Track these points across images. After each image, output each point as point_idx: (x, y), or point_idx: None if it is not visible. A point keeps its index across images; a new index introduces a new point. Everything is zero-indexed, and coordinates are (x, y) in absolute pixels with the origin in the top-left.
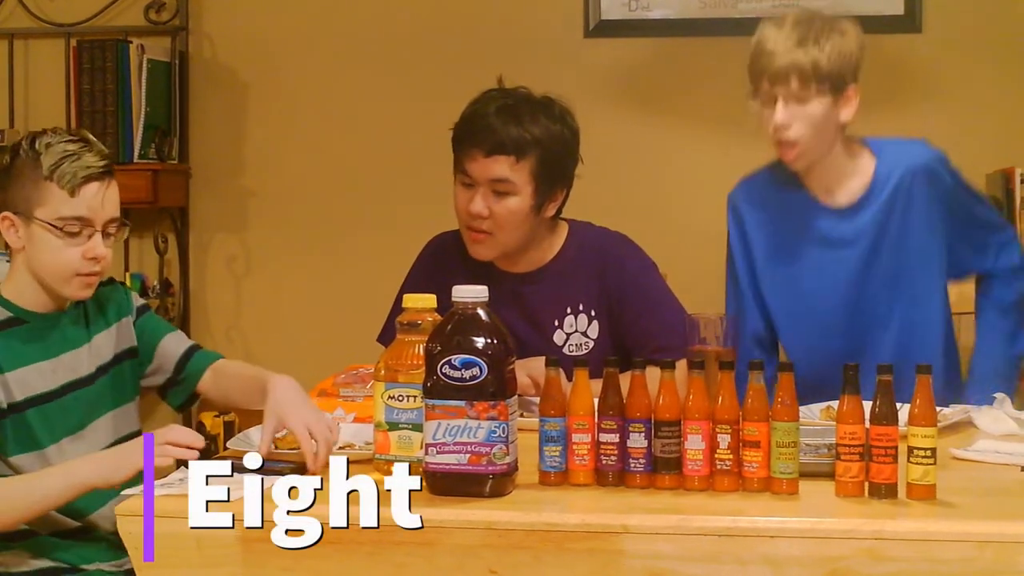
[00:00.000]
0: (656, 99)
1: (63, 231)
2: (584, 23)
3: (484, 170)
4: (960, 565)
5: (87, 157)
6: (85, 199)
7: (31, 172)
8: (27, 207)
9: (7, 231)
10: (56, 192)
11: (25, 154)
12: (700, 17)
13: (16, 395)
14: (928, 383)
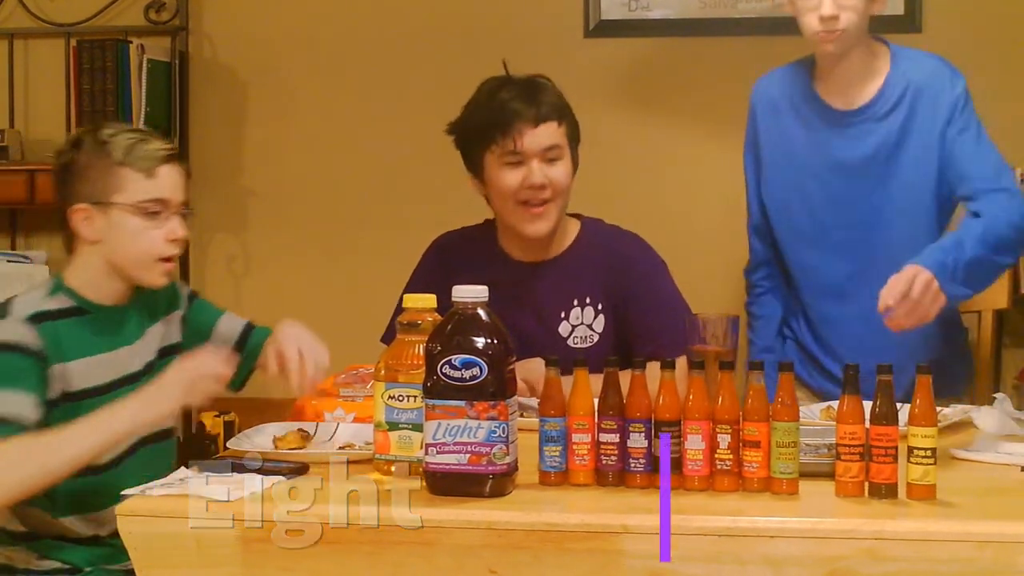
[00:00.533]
0: (656, 99)
1: (145, 213)
2: (584, 23)
3: (536, 140)
4: (960, 565)
5: (154, 142)
6: (162, 180)
7: (101, 161)
8: (104, 194)
9: (81, 223)
10: (132, 176)
11: (91, 146)
12: (700, 17)
13: (74, 385)
14: (928, 383)
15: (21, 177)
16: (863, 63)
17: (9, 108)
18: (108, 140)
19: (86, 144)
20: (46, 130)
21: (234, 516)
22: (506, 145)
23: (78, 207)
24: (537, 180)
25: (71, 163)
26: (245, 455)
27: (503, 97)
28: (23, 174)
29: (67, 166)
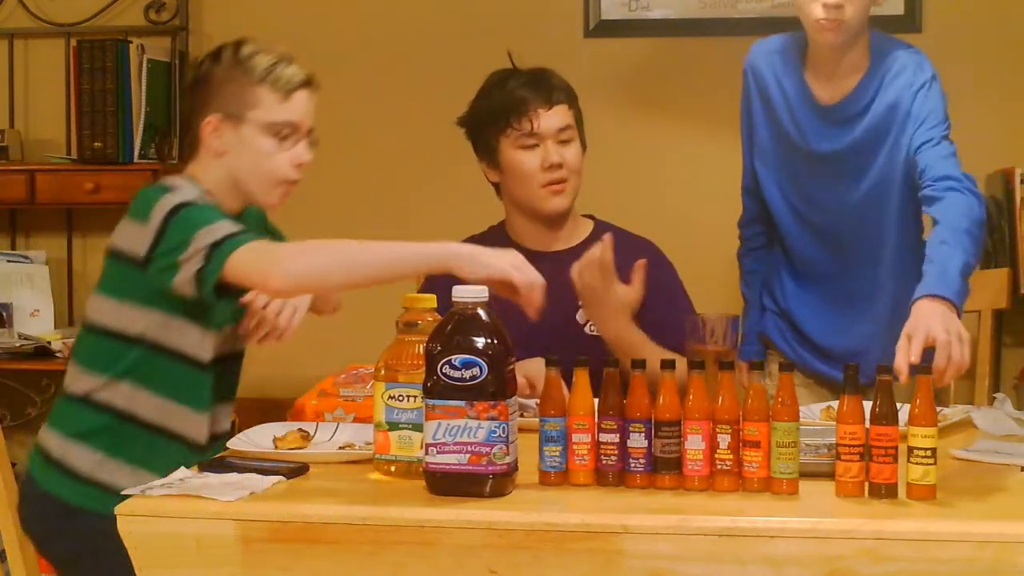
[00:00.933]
0: (656, 99)
1: (275, 134)
2: (584, 23)
3: (550, 121)
4: (960, 565)
5: (292, 66)
6: (296, 104)
7: (240, 76)
8: (238, 109)
9: (211, 134)
10: (268, 96)
11: (230, 60)
12: (700, 17)
13: None
14: (928, 383)
15: (21, 177)
16: (857, 58)
17: (9, 108)
18: (249, 57)
19: (226, 58)
20: (46, 130)
21: (234, 516)
22: (522, 128)
23: (210, 118)
24: (554, 159)
25: (208, 74)
26: (245, 455)
27: (513, 85)
28: (23, 174)
29: (204, 76)
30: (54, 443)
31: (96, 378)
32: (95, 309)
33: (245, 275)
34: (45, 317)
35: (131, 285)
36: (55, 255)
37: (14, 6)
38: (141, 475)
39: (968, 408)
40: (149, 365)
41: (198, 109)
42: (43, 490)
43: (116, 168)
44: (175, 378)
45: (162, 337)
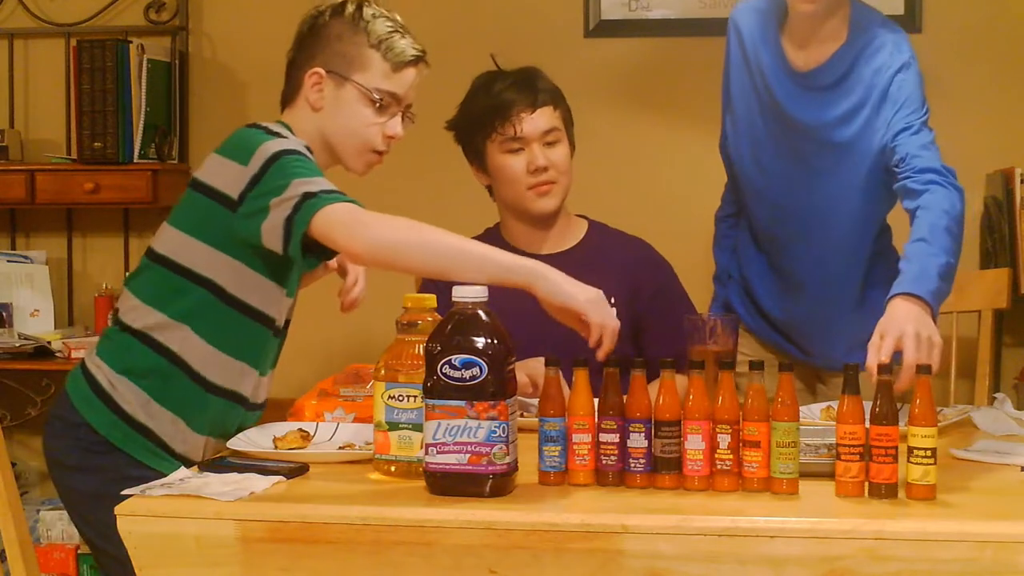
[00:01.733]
0: (656, 99)
1: (375, 102)
2: (584, 23)
3: (535, 124)
4: (960, 565)
5: (409, 37)
6: (403, 79)
7: (355, 36)
8: (346, 68)
9: (312, 87)
10: (379, 63)
11: (351, 18)
12: (700, 17)
13: None
14: (928, 383)
15: (21, 177)
16: (834, 28)
17: (9, 108)
18: (369, 20)
19: (346, 15)
20: (46, 130)
21: (234, 516)
22: (507, 131)
23: (316, 70)
24: (540, 162)
25: (325, 26)
26: (245, 455)
27: (499, 87)
28: (23, 174)
29: (320, 27)
30: (102, 374)
31: (154, 314)
32: (165, 240)
33: (331, 232)
34: (45, 317)
35: (213, 225)
36: (55, 255)
37: (14, 6)
38: (182, 428)
39: (968, 408)
40: (213, 312)
41: (304, 58)
42: (83, 420)
43: (116, 168)
44: (238, 332)
45: (232, 286)
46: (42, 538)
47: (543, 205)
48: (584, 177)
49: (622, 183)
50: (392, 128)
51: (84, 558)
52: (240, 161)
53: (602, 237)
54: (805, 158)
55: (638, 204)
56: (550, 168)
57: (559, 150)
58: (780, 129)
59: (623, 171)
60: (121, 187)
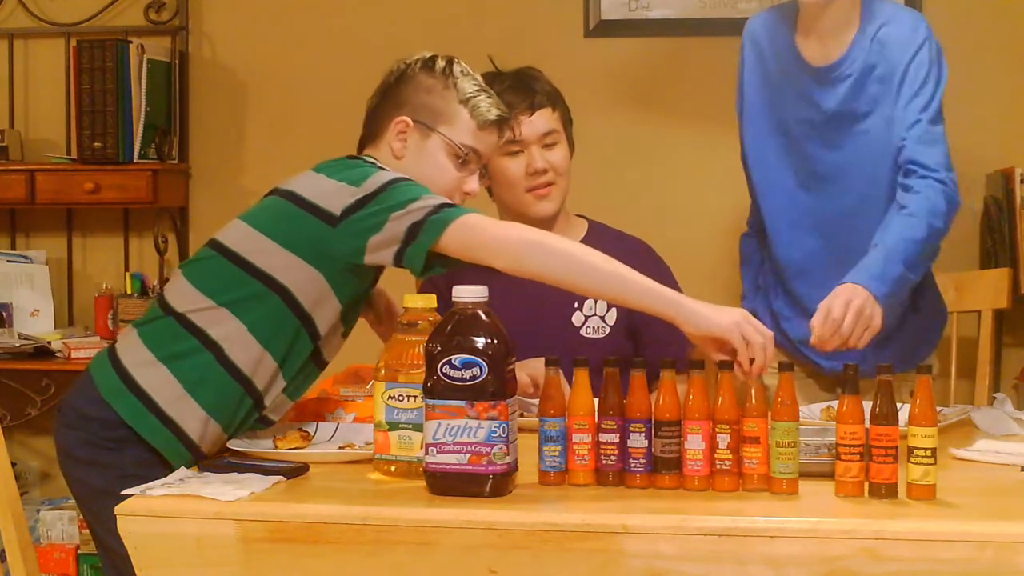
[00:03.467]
0: (656, 99)
1: (459, 157)
2: (584, 23)
3: (534, 127)
4: (960, 565)
5: (496, 101)
6: (486, 138)
7: (444, 91)
8: (433, 120)
9: (396, 135)
10: (466, 120)
11: (441, 72)
12: (700, 17)
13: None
14: (928, 383)
15: (21, 177)
16: (843, 14)
17: (9, 108)
18: (458, 77)
19: (436, 69)
20: (46, 130)
21: (234, 516)
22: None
23: (403, 118)
24: (539, 165)
25: (413, 77)
26: (245, 455)
27: (496, 89)
28: (23, 174)
29: (407, 78)
30: (136, 359)
31: (206, 301)
32: (239, 238)
33: (472, 242)
34: (45, 317)
35: (304, 235)
36: (55, 255)
37: (14, 6)
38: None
39: (968, 408)
40: (268, 309)
41: (390, 106)
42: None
43: (116, 168)
44: (288, 338)
45: (303, 295)
46: (42, 538)
47: (542, 209)
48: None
49: (622, 183)
50: (470, 185)
51: (84, 558)
52: (351, 182)
53: (601, 237)
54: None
55: (638, 204)
56: (549, 170)
57: (558, 151)
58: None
59: (623, 171)
60: (121, 187)
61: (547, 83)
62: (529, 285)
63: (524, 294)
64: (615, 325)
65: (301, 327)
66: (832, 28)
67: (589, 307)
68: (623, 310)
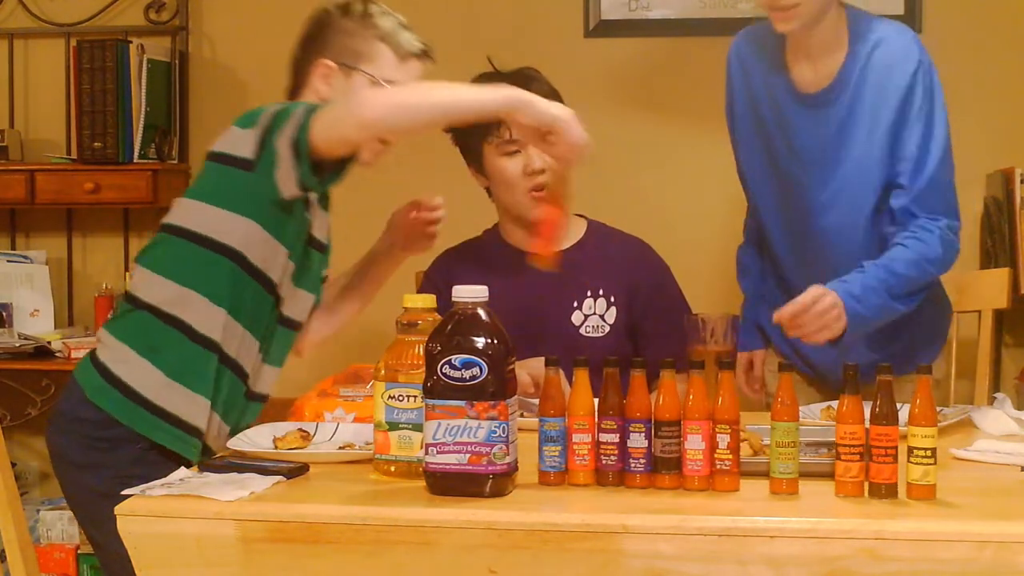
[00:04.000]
0: (656, 99)
1: None
2: (584, 23)
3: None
4: (960, 565)
5: (414, 32)
6: (409, 71)
7: (363, 29)
8: (354, 60)
9: (320, 78)
10: (387, 54)
11: (359, 14)
12: (700, 17)
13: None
14: (928, 383)
15: (21, 177)
16: (830, 36)
17: (9, 108)
18: (376, 15)
19: (354, 12)
20: (46, 130)
21: (234, 516)
22: (503, 135)
23: (324, 61)
24: (537, 164)
25: (332, 22)
26: (245, 455)
27: None
28: (23, 174)
29: (327, 22)
30: (116, 357)
31: (170, 285)
32: (182, 213)
33: (336, 122)
34: (45, 317)
35: (233, 190)
36: (55, 255)
37: (14, 6)
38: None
39: (968, 408)
40: (231, 279)
41: (312, 53)
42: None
43: (116, 168)
44: (248, 299)
45: (249, 252)
46: (42, 538)
47: (539, 209)
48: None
49: (621, 183)
50: None
51: (84, 558)
52: (251, 125)
53: (600, 237)
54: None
55: (638, 204)
56: (547, 169)
57: None
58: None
59: (622, 171)
60: (121, 187)
61: (545, 83)
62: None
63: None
64: (614, 324)
65: (259, 287)
66: (819, 50)
67: (588, 306)
68: (623, 309)
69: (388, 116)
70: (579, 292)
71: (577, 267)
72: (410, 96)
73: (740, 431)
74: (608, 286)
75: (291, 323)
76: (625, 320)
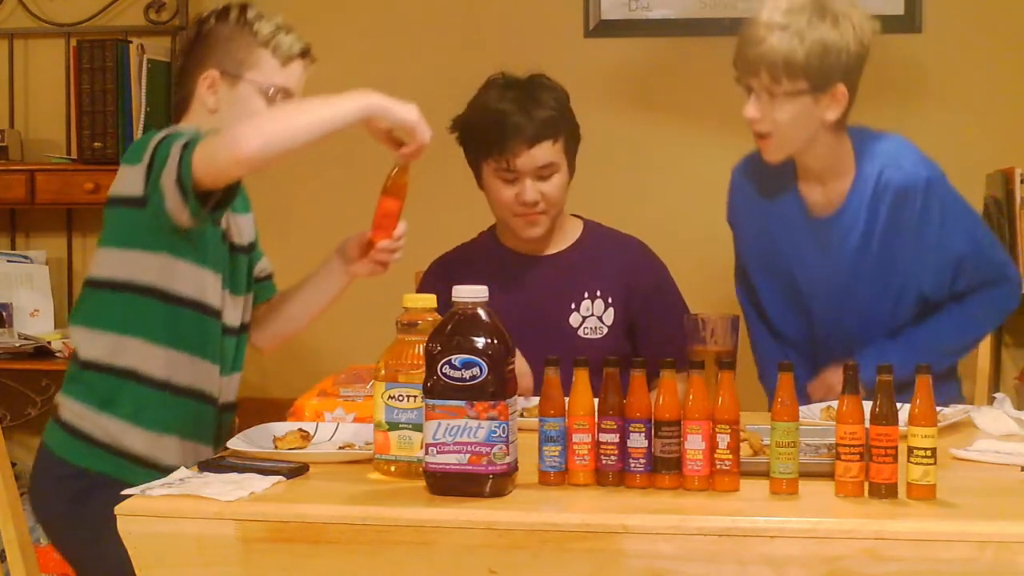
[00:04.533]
0: (656, 99)
1: (268, 98)
2: (584, 23)
3: (531, 160)
4: (960, 565)
5: (294, 35)
6: (292, 72)
7: (243, 37)
8: (237, 69)
9: (207, 90)
10: (269, 60)
11: (236, 19)
12: (700, 17)
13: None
14: (928, 383)
15: (21, 177)
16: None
17: (9, 108)
18: (254, 20)
19: (232, 18)
20: (46, 130)
21: (234, 516)
22: (500, 163)
23: (208, 73)
24: (529, 198)
25: (212, 31)
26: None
27: (503, 109)
28: (23, 174)
29: (208, 33)
30: (76, 415)
31: (106, 337)
32: (98, 264)
33: (213, 160)
34: (45, 317)
35: (134, 229)
36: (55, 255)
37: (14, 6)
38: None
39: (968, 408)
40: (158, 314)
41: (195, 64)
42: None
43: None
44: (187, 328)
45: (171, 284)
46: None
47: (528, 232)
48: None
49: (621, 183)
50: None
51: None
52: (137, 162)
53: (597, 237)
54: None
55: (637, 204)
56: (540, 201)
57: (553, 182)
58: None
59: (622, 171)
60: None
61: (554, 101)
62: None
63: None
64: (612, 325)
65: (193, 312)
66: (826, 175)
67: (586, 308)
68: (621, 310)
69: (261, 150)
70: (577, 294)
71: (574, 268)
72: (278, 124)
73: (740, 431)
74: (606, 287)
75: (233, 330)
76: (623, 321)
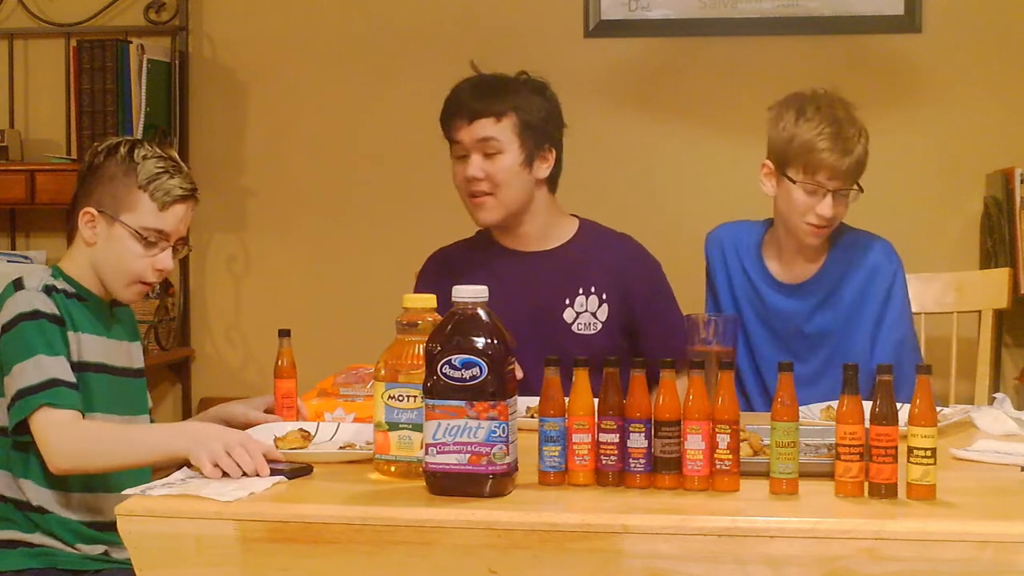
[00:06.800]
0: (656, 99)
1: (144, 240)
2: (584, 23)
3: (470, 134)
4: (960, 565)
5: (179, 178)
6: (171, 216)
7: (125, 178)
8: (114, 209)
9: (86, 225)
10: (147, 203)
11: (122, 160)
12: (700, 17)
13: (84, 356)
14: (928, 383)
15: (21, 177)
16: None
17: (9, 108)
18: (139, 161)
19: (119, 156)
20: (46, 130)
21: (234, 516)
22: (450, 141)
23: (88, 209)
24: (471, 173)
25: (99, 167)
26: None
27: (459, 89)
28: (23, 174)
29: (94, 168)
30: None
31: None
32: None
33: (42, 435)
34: None
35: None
36: (55, 255)
37: (14, 6)
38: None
39: (968, 408)
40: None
41: (83, 195)
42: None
43: None
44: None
45: None
46: None
47: (480, 217)
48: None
49: (621, 182)
50: (161, 262)
51: None
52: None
53: (591, 235)
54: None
55: (636, 203)
56: (484, 180)
57: (500, 161)
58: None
59: (622, 170)
60: None
61: (509, 92)
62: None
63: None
64: (607, 322)
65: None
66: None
67: (580, 304)
68: (615, 307)
69: (73, 468)
70: (571, 290)
71: (569, 265)
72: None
73: (740, 431)
74: (600, 284)
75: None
76: (618, 317)
